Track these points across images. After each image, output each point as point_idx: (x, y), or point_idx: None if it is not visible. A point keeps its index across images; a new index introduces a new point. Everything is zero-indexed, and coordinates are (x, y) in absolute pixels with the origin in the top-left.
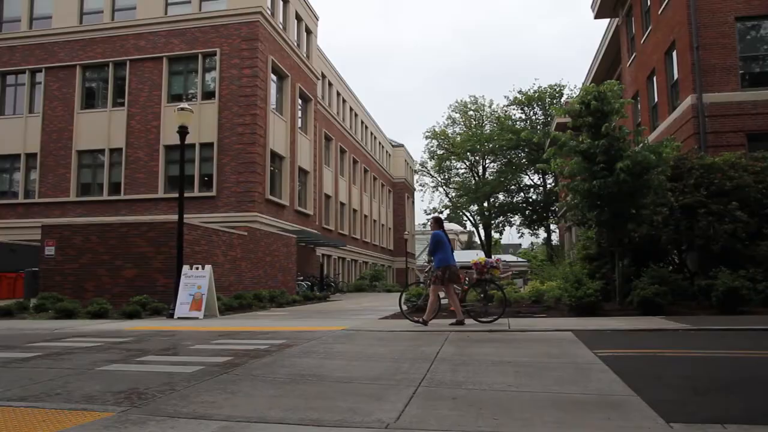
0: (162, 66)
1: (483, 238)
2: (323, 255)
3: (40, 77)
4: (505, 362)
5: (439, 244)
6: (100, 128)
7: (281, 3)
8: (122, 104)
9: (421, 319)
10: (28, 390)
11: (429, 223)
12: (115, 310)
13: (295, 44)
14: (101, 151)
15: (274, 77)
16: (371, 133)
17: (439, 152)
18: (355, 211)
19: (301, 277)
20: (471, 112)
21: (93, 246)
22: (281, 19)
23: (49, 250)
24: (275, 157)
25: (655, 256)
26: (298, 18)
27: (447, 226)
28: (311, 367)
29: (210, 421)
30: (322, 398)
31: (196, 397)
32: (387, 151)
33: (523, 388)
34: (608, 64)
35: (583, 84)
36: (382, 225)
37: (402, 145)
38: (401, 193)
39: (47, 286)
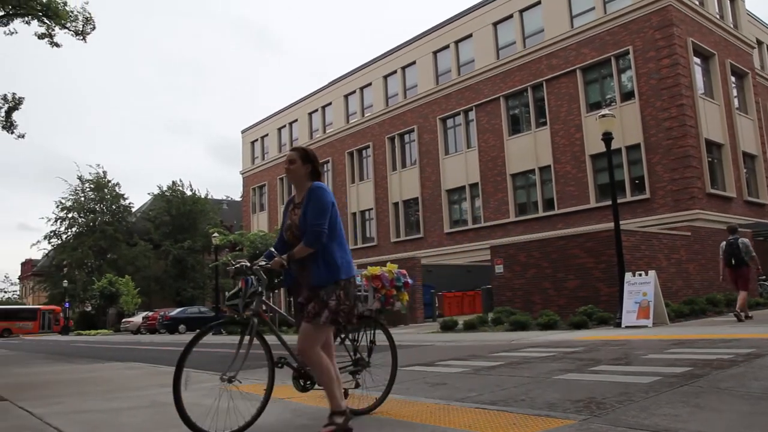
0: (576, 78)
1: None
2: None
3: (471, 115)
4: None
5: (331, 216)
6: (527, 150)
7: None
8: (544, 123)
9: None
10: (496, 395)
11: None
12: (562, 321)
13: (718, 16)
14: (531, 171)
15: (697, 60)
16: None
17: None
18: None
19: (764, 277)
20: None
21: (536, 261)
22: None
23: (499, 269)
24: (711, 145)
25: None
26: None
27: None
28: None
29: None
30: None
31: (657, 410)
32: None
33: None
34: None
35: None
36: None
37: None
38: None
39: (499, 301)
